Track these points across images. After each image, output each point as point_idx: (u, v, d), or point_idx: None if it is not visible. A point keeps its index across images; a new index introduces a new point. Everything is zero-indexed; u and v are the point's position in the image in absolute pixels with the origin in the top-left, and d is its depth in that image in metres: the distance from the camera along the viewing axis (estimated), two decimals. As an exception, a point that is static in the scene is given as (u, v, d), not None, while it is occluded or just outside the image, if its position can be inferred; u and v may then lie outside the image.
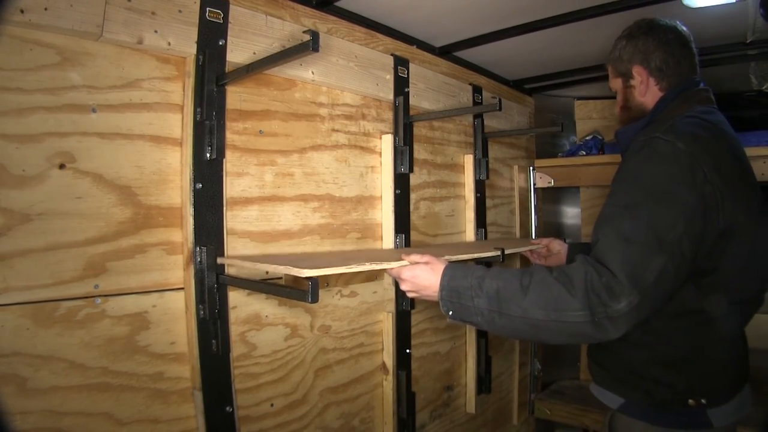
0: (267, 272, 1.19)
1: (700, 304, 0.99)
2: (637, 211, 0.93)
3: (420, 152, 1.72)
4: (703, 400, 1.01)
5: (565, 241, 1.63)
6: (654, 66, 1.12)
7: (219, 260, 1.08)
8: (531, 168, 2.39)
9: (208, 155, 1.07)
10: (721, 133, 1.04)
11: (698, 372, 1.02)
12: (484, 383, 1.95)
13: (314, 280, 0.89)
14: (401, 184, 1.57)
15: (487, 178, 2.00)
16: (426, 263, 1.04)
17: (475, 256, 1.35)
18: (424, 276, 1.03)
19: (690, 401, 1.01)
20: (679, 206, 0.91)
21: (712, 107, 1.10)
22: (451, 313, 0.99)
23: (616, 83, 1.21)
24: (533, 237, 2.38)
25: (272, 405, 1.23)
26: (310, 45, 0.89)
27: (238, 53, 1.14)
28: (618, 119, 1.25)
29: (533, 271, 0.95)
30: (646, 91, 1.14)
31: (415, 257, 1.06)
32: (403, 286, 1.07)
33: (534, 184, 2.39)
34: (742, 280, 1.02)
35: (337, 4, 1.37)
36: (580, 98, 2.52)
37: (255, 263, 1.03)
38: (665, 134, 0.97)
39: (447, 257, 1.13)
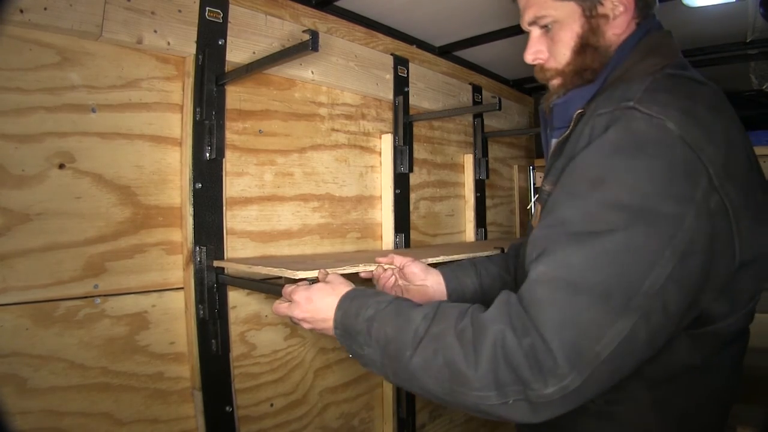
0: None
1: (697, 361, 0.68)
2: (594, 237, 0.58)
3: (420, 152, 1.71)
4: None
5: None
6: None
7: (215, 263, 1.08)
8: (531, 168, 2.39)
9: (207, 155, 1.07)
10: (724, 103, 0.68)
11: None
12: (483, 383, 1.94)
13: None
14: (401, 183, 1.57)
15: (487, 177, 2.00)
16: (326, 283, 0.76)
17: (473, 255, 1.34)
18: (320, 300, 0.75)
19: None
20: (666, 231, 0.57)
21: (685, 60, 0.73)
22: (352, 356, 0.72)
23: (555, 9, 0.76)
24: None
25: (272, 405, 1.23)
26: (310, 45, 0.89)
27: (237, 53, 1.14)
28: (552, 76, 0.82)
29: (437, 313, 0.65)
30: (626, 26, 0.73)
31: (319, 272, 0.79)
32: (294, 312, 0.77)
33: (534, 184, 2.38)
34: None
35: (336, 3, 1.37)
36: (579, 98, 2.52)
37: (251, 266, 1.03)
38: (643, 104, 0.62)
39: (431, 260, 1.10)
